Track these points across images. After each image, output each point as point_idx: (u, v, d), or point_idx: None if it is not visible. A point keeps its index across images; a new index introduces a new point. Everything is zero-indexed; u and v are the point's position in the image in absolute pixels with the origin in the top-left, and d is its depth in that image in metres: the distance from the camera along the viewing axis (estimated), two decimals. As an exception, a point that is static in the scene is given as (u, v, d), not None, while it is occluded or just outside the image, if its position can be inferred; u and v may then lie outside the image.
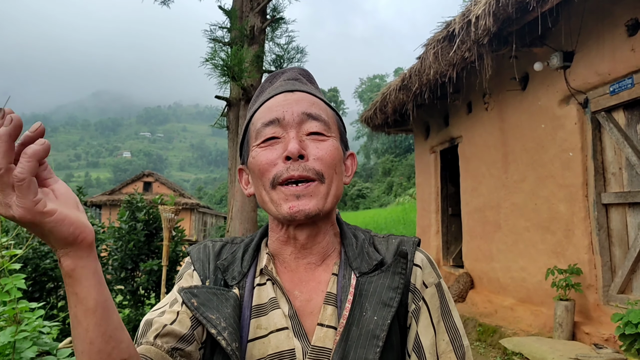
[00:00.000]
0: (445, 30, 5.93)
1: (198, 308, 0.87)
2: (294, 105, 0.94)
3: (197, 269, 0.98)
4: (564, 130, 5.53)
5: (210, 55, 5.70)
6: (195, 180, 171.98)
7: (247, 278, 0.95)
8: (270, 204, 0.91)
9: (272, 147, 0.92)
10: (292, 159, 0.89)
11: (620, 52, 4.72)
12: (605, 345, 4.67)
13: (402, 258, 0.91)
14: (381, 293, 0.89)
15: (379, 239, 1.02)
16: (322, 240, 0.97)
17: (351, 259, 0.95)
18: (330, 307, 0.90)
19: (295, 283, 0.95)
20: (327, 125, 0.95)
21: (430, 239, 9.36)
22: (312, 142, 0.92)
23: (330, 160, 0.92)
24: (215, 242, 1.05)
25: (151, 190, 30.02)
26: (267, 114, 0.94)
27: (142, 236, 6.86)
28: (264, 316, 0.91)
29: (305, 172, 0.89)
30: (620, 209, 5.01)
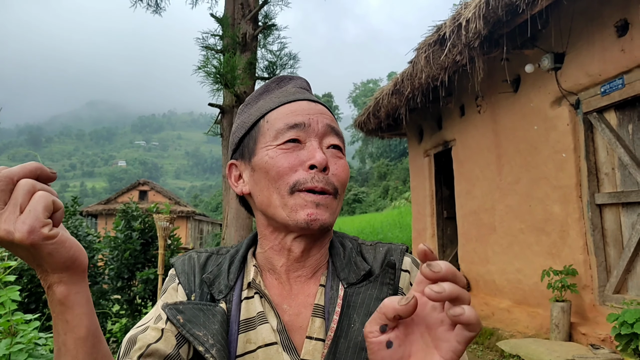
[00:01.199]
0: (437, 34, 5.96)
1: (184, 325, 0.84)
2: (319, 115, 0.93)
3: (182, 282, 0.95)
4: (556, 132, 5.56)
5: (202, 63, 5.71)
6: (191, 188, 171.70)
7: (234, 291, 0.93)
8: (282, 209, 0.88)
9: (294, 151, 0.90)
10: (317, 168, 0.87)
11: (610, 52, 4.76)
12: (602, 345, 4.68)
13: (390, 268, 0.90)
14: (369, 304, 0.88)
15: (366, 247, 1.00)
16: (317, 253, 0.95)
17: (339, 269, 0.93)
18: (318, 320, 0.88)
19: (284, 296, 0.93)
20: (344, 144, 0.96)
21: (425, 243, 9.35)
22: (332, 157, 0.91)
23: (345, 179, 0.92)
24: (201, 253, 1.01)
25: (147, 198, 29.94)
26: (291, 117, 0.92)
27: (138, 245, 6.85)
28: (253, 330, 0.89)
29: (326, 186, 0.88)
30: (614, 209, 5.03)
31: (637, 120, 4.75)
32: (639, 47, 4.43)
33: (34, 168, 0.62)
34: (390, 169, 49.16)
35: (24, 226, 0.59)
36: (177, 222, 11.46)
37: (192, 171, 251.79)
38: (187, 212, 30.42)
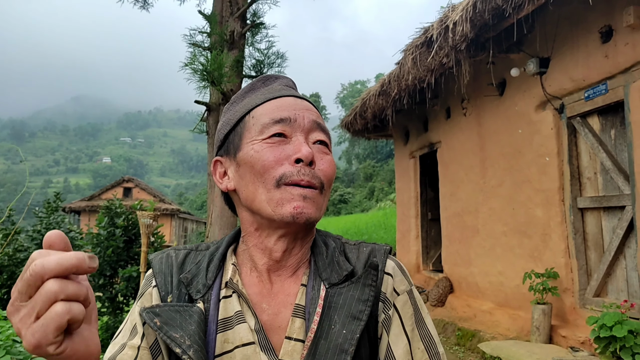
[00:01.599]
0: (424, 36, 5.98)
1: (161, 328, 0.83)
2: (305, 111, 0.93)
3: (158, 283, 0.94)
4: (540, 136, 5.61)
5: (189, 60, 5.67)
6: (176, 186, 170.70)
7: (212, 290, 0.91)
8: (268, 203, 0.87)
9: (279, 145, 0.89)
10: (303, 162, 0.87)
11: (594, 58, 4.81)
12: (581, 348, 4.73)
13: (373, 270, 0.89)
14: (351, 305, 0.86)
15: (350, 247, 1.00)
16: (299, 252, 0.94)
17: (321, 269, 0.92)
18: (298, 320, 0.88)
19: (263, 295, 0.92)
20: (330, 140, 0.96)
21: (410, 244, 9.40)
22: (318, 153, 0.91)
23: (331, 174, 0.92)
24: (179, 250, 1.00)
25: (131, 196, 29.71)
26: (277, 112, 0.92)
27: (120, 242, 6.79)
28: (230, 330, 0.88)
29: (313, 179, 0.87)
30: (595, 213, 5.09)
31: (619, 125, 4.81)
32: (622, 53, 4.49)
33: (71, 265, 0.55)
34: (377, 170, 49.31)
35: (32, 339, 0.55)
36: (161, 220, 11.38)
37: (178, 169, 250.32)
38: (172, 209, 30.25)
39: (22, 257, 6.43)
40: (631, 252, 4.63)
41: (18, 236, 7.55)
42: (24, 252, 6.95)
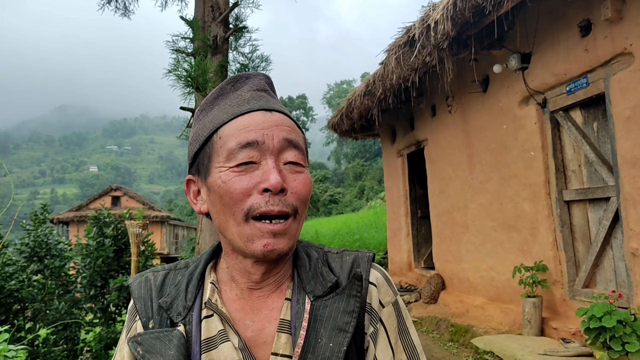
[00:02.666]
0: (406, 36, 6.02)
1: (144, 356, 0.84)
2: (274, 128, 0.86)
3: (139, 310, 0.93)
4: (524, 130, 5.66)
5: (173, 66, 5.65)
6: (165, 192, 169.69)
7: (193, 311, 0.90)
8: (239, 237, 0.84)
9: (247, 173, 0.84)
10: (272, 192, 0.82)
11: (575, 52, 4.87)
12: (572, 339, 4.78)
13: (357, 280, 0.88)
14: (336, 318, 0.85)
15: (332, 256, 0.98)
16: (279, 272, 0.92)
17: (305, 281, 0.90)
18: (284, 335, 0.86)
19: (246, 312, 0.90)
20: (304, 154, 0.89)
21: (401, 242, 9.43)
22: (290, 174, 0.86)
23: (306, 195, 0.87)
24: (157, 272, 0.98)
25: (120, 204, 29.54)
26: (244, 134, 0.85)
27: (110, 252, 6.75)
28: (214, 350, 0.86)
29: (284, 208, 0.83)
30: (581, 205, 5.15)
31: (601, 118, 4.86)
32: (602, 46, 4.54)
33: None
34: (366, 169, 49.43)
35: None
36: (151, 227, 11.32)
37: (166, 175, 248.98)
38: (162, 216, 30.11)
39: (11, 270, 6.37)
40: (618, 243, 4.69)
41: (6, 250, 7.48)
42: (12, 265, 6.89)
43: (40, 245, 7.06)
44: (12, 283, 6.15)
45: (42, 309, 6.12)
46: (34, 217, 7.52)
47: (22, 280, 6.43)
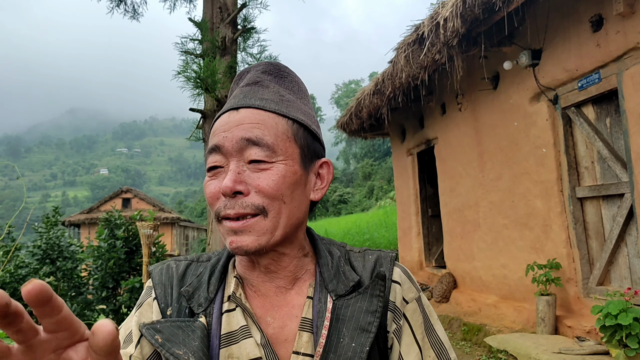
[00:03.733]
0: (415, 34, 5.99)
1: (163, 345, 0.81)
2: (234, 129, 0.85)
3: (158, 295, 0.92)
4: (536, 127, 5.62)
5: (182, 67, 5.67)
6: (175, 194, 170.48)
7: (214, 304, 0.89)
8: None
9: (216, 177, 0.86)
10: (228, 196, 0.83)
11: (586, 47, 4.82)
12: (587, 337, 4.73)
13: (380, 280, 0.87)
14: (359, 318, 0.85)
15: (354, 255, 0.97)
16: (289, 264, 0.91)
17: (327, 280, 0.90)
18: (305, 334, 0.85)
19: (267, 309, 0.89)
20: (272, 150, 0.85)
21: (411, 241, 9.40)
22: (253, 173, 0.84)
23: (273, 191, 0.83)
24: (180, 261, 0.98)
25: (130, 206, 29.69)
26: (212, 139, 0.87)
27: (122, 254, 6.79)
28: (235, 345, 0.85)
29: (242, 210, 0.82)
30: (594, 202, 5.10)
31: (614, 113, 4.81)
32: (614, 41, 4.49)
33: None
34: (375, 168, 49.34)
35: None
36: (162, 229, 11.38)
37: (176, 177, 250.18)
38: (172, 218, 30.21)
39: (24, 273, 6.43)
40: (632, 240, 4.64)
41: (19, 252, 7.54)
42: (25, 268, 6.94)
43: (53, 248, 7.11)
44: (25, 285, 6.19)
45: (55, 310, 6.14)
46: (46, 220, 7.58)
47: (35, 283, 6.46)
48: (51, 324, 0.47)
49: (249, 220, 0.83)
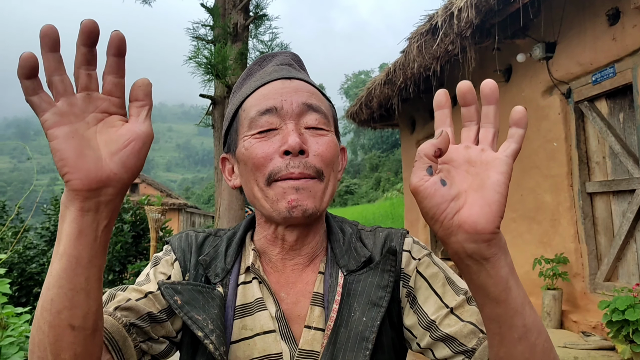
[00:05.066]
0: (429, 24, 5.94)
1: (182, 307, 0.81)
2: (293, 94, 0.87)
3: (178, 259, 0.92)
4: (547, 121, 5.57)
5: (193, 53, 5.66)
6: (183, 181, 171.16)
7: (230, 275, 0.90)
8: (264, 201, 0.85)
9: (268, 139, 0.85)
10: (292, 154, 0.82)
11: (602, 41, 4.76)
12: (593, 332, 4.72)
13: (392, 255, 0.87)
14: (370, 292, 0.85)
15: (366, 233, 0.98)
16: (312, 240, 0.91)
17: (338, 256, 0.90)
18: (317, 309, 0.86)
19: (281, 285, 0.90)
20: (327, 118, 0.89)
21: (418, 232, 9.39)
22: (311, 137, 0.86)
23: (330, 157, 0.86)
24: (198, 232, 0.98)
25: (138, 191, 29.80)
26: (263, 102, 0.87)
27: (129, 238, 6.83)
28: (250, 317, 0.86)
29: (306, 170, 0.82)
30: (604, 197, 5.06)
31: (627, 108, 4.76)
32: (630, 35, 4.44)
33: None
34: (382, 160, 49.25)
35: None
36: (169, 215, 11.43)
37: (184, 164, 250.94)
38: (179, 204, 30.32)
39: (32, 254, 6.47)
40: (642, 236, 4.61)
41: (27, 234, 7.59)
42: (33, 249, 6.99)
43: (61, 230, 7.16)
44: (33, 266, 6.25)
45: (62, 292, 6.20)
46: (55, 202, 7.63)
47: (43, 264, 6.52)
48: (111, 83, 0.64)
49: (310, 181, 0.83)
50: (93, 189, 0.61)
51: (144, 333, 0.82)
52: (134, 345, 0.79)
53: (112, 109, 0.65)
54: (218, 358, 0.77)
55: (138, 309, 0.82)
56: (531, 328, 0.65)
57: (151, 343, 0.83)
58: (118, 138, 0.63)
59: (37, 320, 0.65)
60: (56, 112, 0.60)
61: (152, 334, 0.83)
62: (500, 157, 0.63)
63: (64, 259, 0.62)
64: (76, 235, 0.62)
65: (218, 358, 0.77)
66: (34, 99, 0.60)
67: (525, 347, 0.65)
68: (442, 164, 0.65)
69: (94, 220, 0.63)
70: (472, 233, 0.60)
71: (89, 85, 0.63)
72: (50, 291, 0.63)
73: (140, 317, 0.81)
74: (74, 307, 0.63)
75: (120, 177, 0.62)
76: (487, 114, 0.68)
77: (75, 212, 0.62)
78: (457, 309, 0.84)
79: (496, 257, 0.61)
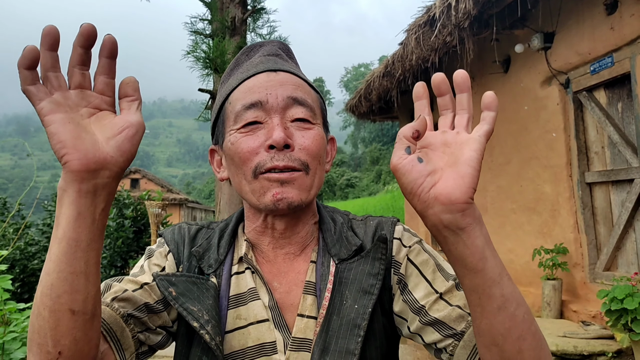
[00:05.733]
0: (426, 15, 5.92)
1: (177, 298, 0.81)
2: (278, 87, 0.87)
3: (172, 251, 0.93)
4: (546, 111, 5.57)
5: (191, 47, 5.66)
6: (184, 176, 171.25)
7: (224, 266, 0.91)
8: (251, 194, 0.86)
9: (253, 133, 0.86)
10: (276, 148, 0.83)
11: (600, 31, 4.75)
12: (592, 322, 4.74)
13: (382, 243, 0.88)
14: (361, 280, 0.86)
15: (357, 222, 0.99)
16: (302, 230, 0.93)
17: (330, 245, 0.91)
18: (310, 297, 0.87)
19: (274, 274, 0.91)
20: (313, 112, 0.90)
21: (418, 225, 9.40)
22: (297, 130, 0.87)
23: (316, 150, 0.87)
24: (191, 225, 0.99)
25: (139, 187, 29.86)
26: (248, 96, 0.87)
27: (130, 233, 6.85)
28: (243, 306, 0.87)
29: (290, 163, 0.83)
30: (603, 187, 5.07)
31: (626, 98, 4.76)
32: (628, 24, 4.43)
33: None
34: (383, 153, 49.22)
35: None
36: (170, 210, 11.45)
37: (184, 159, 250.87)
38: (180, 199, 30.38)
39: (34, 250, 6.49)
40: (641, 225, 4.62)
41: (28, 230, 7.61)
42: (34, 245, 7.02)
43: (62, 226, 7.17)
44: (35, 262, 6.27)
45: (64, 287, 6.22)
46: (56, 198, 7.64)
47: (44, 260, 6.54)
48: (102, 83, 0.68)
49: (295, 174, 0.84)
50: (91, 169, 0.64)
51: (141, 323, 0.83)
52: (132, 336, 0.80)
53: (103, 106, 0.69)
54: (214, 348, 0.78)
55: (135, 300, 0.83)
56: (509, 298, 0.67)
57: (148, 333, 0.85)
58: (113, 125, 0.67)
59: (36, 307, 0.67)
60: (52, 102, 0.64)
61: (150, 324, 0.84)
62: (474, 137, 0.68)
63: (64, 242, 0.65)
64: (75, 217, 0.65)
65: (214, 348, 0.78)
66: (31, 88, 0.63)
67: (505, 317, 0.67)
68: (421, 148, 0.69)
69: (92, 202, 0.65)
70: (448, 204, 0.64)
71: (83, 84, 0.67)
72: (50, 276, 0.66)
73: (137, 307, 0.83)
74: (74, 292, 0.66)
75: (116, 161, 0.66)
76: (461, 101, 0.73)
77: (74, 195, 0.65)
78: (446, 294, 0.85)
79: (471, 226, 0.65)
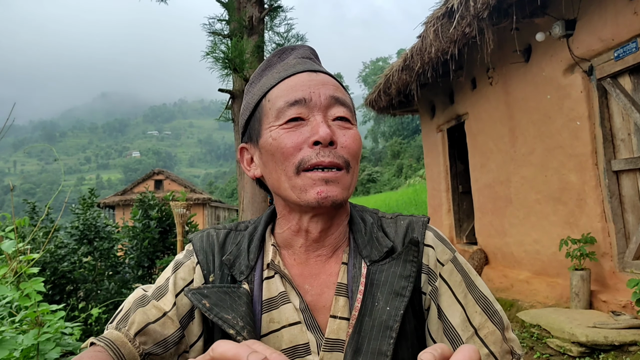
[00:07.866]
0: (444, 7, 5.88)
1: (211, 309, 0.83)
2: (320, 86, 0.89)
3: (200, 262, 0.95)
4: (570, 100, 5.49)
5: (210, 48, 5.70)
6: (206, 176, 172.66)
7: (255, 271, 0.92)
8: (291, 191, 0.86)
9: (297, 129, 0.86)
10: (321, 144, 0.84)
11: (623, 16, 4.66)
12: (623, 312, 4.67)
13: (414, 246, 0.88)
14: (393, 282, 0.86)
15: (387, 221, 0.99)
16: (335, 231, 0.93)
17: (361, 246, 0.92)
18: (342, 299, 0.88)
19: (305, 277, 0.92)
20: (352, 112, 0.92)
21: (442, 218, 9.35)
22: (339, 129, 0.88)
23: (356, 149, 0.89)
24: (219, 230, 1.00)
25: (162, 188, 30.16)
26: (291, 93, 0.88)
27: (156, 233, 6.94)
28: (275, 310, 0.88)
29: (335, 159, 0.84)
30: (631, 175, 4.98)
31: (652, 83, 4.67)
32: (652, 8, 4.34)
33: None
34: (404, 147, 48.97)
35: None
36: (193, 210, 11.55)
37: (206, 158, 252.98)
38: (203, 199, 30.63)
39: (63, 253, 6.60)
40: (671, 213, 4.52)
41: (58, 233, 7.76)
42: (64, 248, 7.15)
43: (90, 228, 7.30)
44: (65, 265, 6.39)
45: (93, 289, 6.34)
46: (83, 202, 7.78)
47: (74, 262, 6.66)
48: None
49: (338, 173, 0.85)
50: None
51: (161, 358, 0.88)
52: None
53: None
54: None
55: (156, 335, 0.87)
56: None
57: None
58: None
59: None
60: None
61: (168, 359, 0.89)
62: None
63: None
64: None
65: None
66: None
67: None
68: None
69: None
70: None
71: None
72: None
73: (157, 343, 0.87)
74: None
75: None
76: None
77: None
78: (481, 330, 0.87)
79: None
